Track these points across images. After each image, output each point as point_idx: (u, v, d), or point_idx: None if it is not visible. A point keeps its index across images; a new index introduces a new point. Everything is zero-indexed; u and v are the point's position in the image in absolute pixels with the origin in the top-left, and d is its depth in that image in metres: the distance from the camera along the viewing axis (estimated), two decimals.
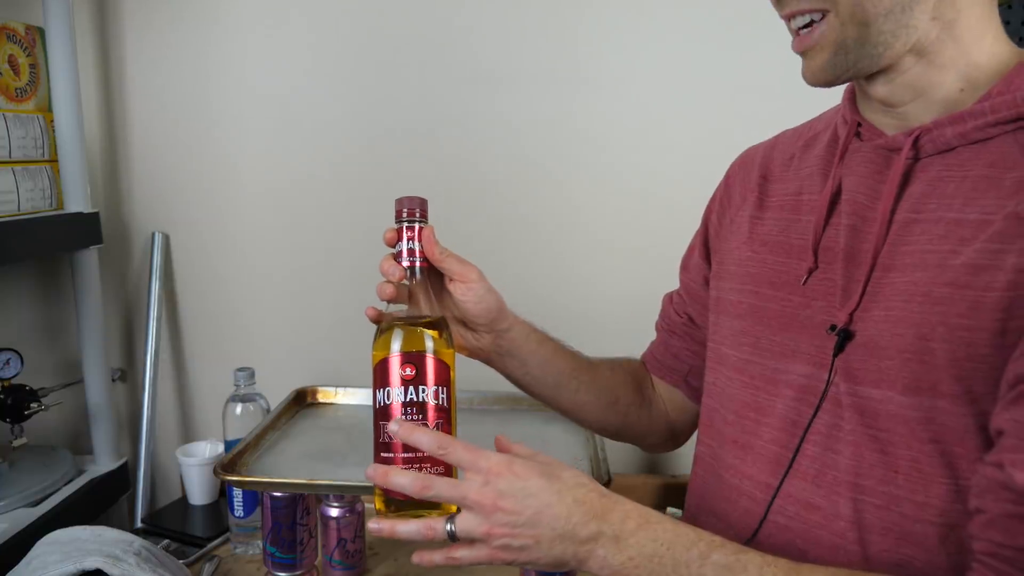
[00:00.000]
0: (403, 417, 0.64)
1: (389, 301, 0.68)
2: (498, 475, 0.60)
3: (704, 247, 0.84)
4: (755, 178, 0.78)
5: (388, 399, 0.64)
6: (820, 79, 0.63)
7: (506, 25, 1.28)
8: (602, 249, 1.33)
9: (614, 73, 1.28)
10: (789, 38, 0.64)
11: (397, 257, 0.68)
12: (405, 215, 0.68)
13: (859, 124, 0.67)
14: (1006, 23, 0.99)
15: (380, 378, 0.65)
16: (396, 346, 0.64)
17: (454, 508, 0.66)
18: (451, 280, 0.72)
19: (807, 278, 0.67)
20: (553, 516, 0.59)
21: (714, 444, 0.75)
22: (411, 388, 0.64)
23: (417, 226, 0.68)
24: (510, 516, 0.59)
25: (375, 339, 0.67)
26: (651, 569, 0.58)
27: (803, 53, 0.63)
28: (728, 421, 0.73)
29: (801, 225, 0.70)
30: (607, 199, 1.31)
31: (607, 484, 0.93)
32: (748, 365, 0.71)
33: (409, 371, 0.64)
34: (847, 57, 0.61)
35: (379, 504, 0.66)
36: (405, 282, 0.68)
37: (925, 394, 0.56)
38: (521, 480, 0.60)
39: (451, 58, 1.29)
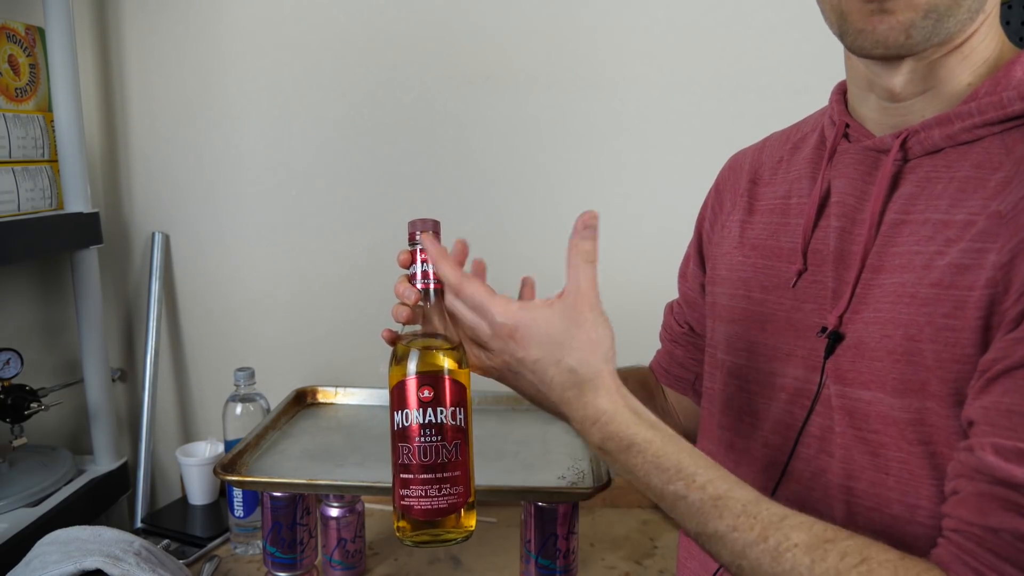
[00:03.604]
0: (422, 439, 0.64)
1: (405, 323, 0.68)
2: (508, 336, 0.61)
3: (698, 255, 0.84)
4: (744, 183, 0.78)
5: (407, 421, 0.65)
6: (891, 42, 0.57)
7: (506, 25, 1.28)
8: (605, 250, 1.32)
9: (615, 74, 1.28)
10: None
11: (411, 279, 0.68)
12: (419, 238, 0.67)
13: (847, 125, 0.67)
14: (1006, 23, 0.99)
15: (398, 400, 0.65)
16: (413, 368, 0.65)
17: (472, 525, 0.67)
18: None
19: (796, 280, 0.67)
20: (548, 385, 0.61)
21: (711, 448, 0.75)
22: (429, 410, 0.64)
23: None
24: (517, 350, 0.61)
25: (391, 361, 0.67)
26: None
27: (881, 7, 0.56)
28: (724, 425, 0.73)
29: (790, 228, 0.70)
30: (610, 200, 1.31)
31: (607, 485, 0.93)
32: (742, 369, 0.71)
33: (427, 393, 0.64)
34: (935, 25, 0.56)
35: (397, 523, 0.66)
36: (420, 303, 0.67)
37: (914, 395, 0.56)
38: (522, 350, 0.61)
39: (451, 58, 1.29)
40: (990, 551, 0.49)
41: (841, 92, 0.70)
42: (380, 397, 1.21)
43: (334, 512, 1.04)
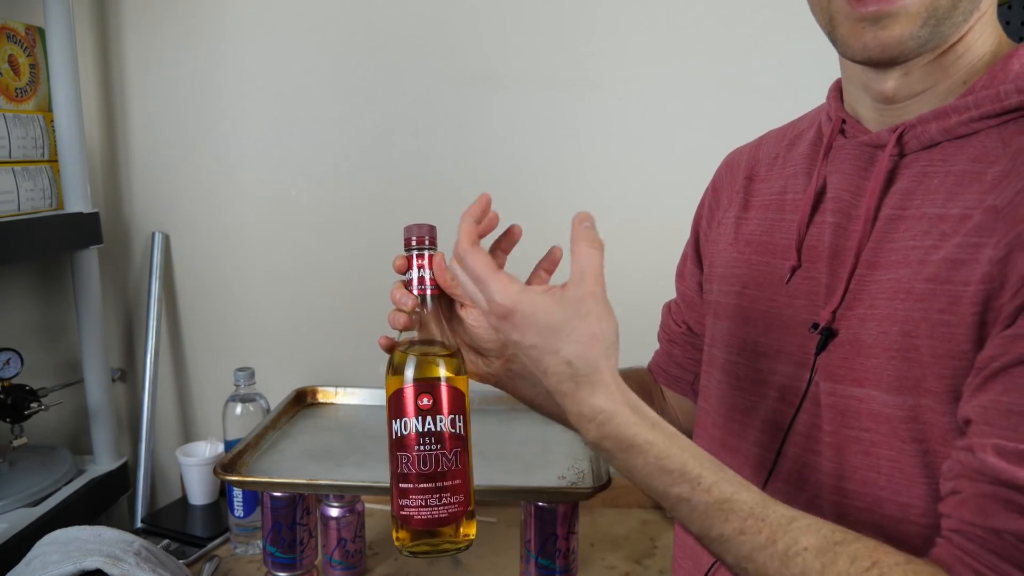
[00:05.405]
0: (421, 448, 0.63)
1: (401, 330, 0.67)
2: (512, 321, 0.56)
3: (696, 253, 0.84)
4: (740, 179, 0.77)
5: (405, 430, 0.63)
6: (892, 52, 0.56)
7: (506, 25, 1.28)
8: (605, 252, 1.32)
9: (614, 74, 1.28)
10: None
11: (408, 285, 0.67)
12: (415, 243, 0.66)
13: (843, 121, 0.66)
14: (1006, 23, 0.99)
15: (396, 408, 0.64)
16: (411, 376, 0.64)
17: (472, 534, 0.66)
18: (462, 306, 0.71)
19: (790, 277, 0.66)
20: (544, 373, 0.57)
21: (704, 446, 0.75)
22: (428, 418, 0.63)
23: (427, 254, 0.66)
24: (512, 332, 0.57)
25: (388, 369, 0.66)
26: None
27: (877, 19, 0.55)
28: (717, 424, 0.73)
29: (785, 224, 0.69)
30: (609, 199, 1.31)
31: (607, 485, 0.93)
32: (735, 367, 0.71)
33: (425, 401, 0.63)
34: (934, 30, 0.55)
35: (396, 533, 0.65)
36: (417, 309, 0.66)
37: (909, 392, 0.56)
38: (517, 333, 0.56)
39: (451, 58, 1.30)
40: (992, 552, 0.48)
41: (838, 88, 0.70)
42: (380, 397, 1.20)
43: (334, 512, 1.04)
